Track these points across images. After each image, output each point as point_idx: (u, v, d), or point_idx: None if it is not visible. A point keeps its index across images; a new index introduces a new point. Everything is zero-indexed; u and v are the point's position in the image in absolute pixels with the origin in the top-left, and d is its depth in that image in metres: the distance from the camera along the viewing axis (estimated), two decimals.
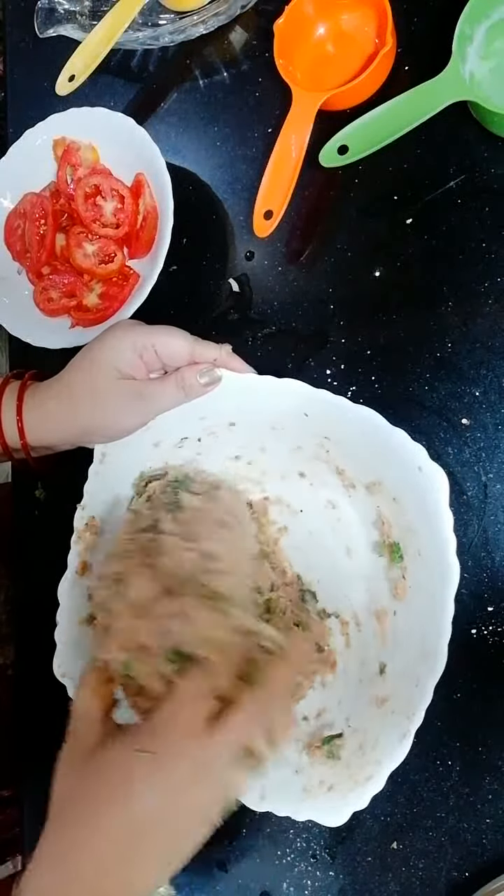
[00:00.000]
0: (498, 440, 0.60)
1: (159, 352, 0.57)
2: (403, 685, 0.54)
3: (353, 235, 0.66)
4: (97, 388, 0.57)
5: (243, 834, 0.62)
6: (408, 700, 0.52)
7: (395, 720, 0.53)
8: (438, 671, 0.51)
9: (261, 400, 0.59)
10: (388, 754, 0.52)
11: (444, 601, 0.52)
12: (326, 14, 0.68)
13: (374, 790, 0.51)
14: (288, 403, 0.58)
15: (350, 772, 0.54)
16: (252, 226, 0.65)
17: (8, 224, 0.73)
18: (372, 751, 0.53)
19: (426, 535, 0.54)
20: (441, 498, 0.53)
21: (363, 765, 0.53)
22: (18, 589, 0.74)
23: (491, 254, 0.62)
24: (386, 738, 0.53)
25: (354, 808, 0.52)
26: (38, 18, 0.73)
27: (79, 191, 0.71)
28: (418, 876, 0.58)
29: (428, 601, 0.54)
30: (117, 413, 0.57)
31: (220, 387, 0.58)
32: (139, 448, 0.62)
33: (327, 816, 0.53)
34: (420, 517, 0.55)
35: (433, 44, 0.63)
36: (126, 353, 0.56)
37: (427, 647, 0.53)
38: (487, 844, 0.57)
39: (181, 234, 0.70)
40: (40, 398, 0.59)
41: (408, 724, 0.51)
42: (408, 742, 0.51)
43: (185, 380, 0.57)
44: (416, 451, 0.53)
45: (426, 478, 0.53)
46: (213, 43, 0.74)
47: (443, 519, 0.53)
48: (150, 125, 0.73)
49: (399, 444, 0.54)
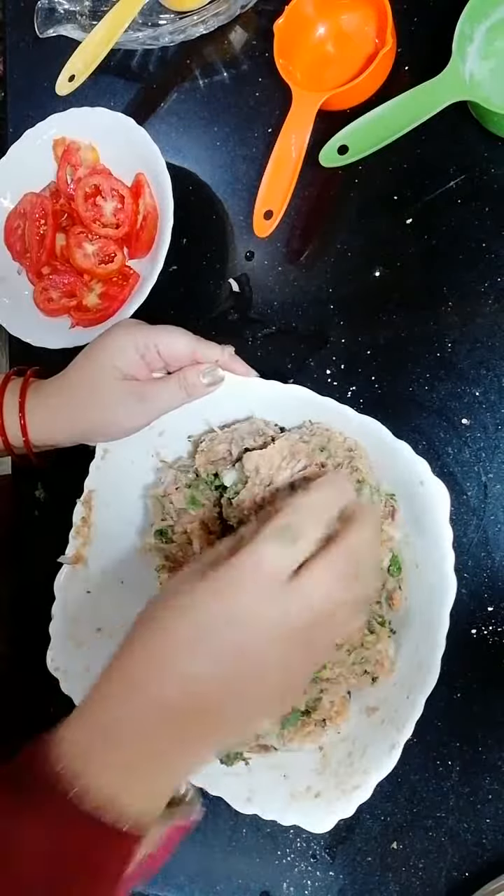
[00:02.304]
0: (498, 440, 0.60)
1: (162, 351, 0.57)
2: (395, 695, 0.54)
3: (353, 235, 0.66)
4: (99, 388, 0.57)
5: (243, 834, 0.62)
6: (398, 711, 0.52)
7: (384, 730, 0.53)
8: (430, 684, 0.51)
9: (265, 404, 0.59)
10: (375, 764, 0.52)
11: (439, 615, 0.52)
12: (326, 14, 0.68)
13: (360, 799, 0.51)
14: (292, 409, 0.58)
15: (338, 780, 0.53)
16: (252, 226, 0.65)
17: (8, 224, 0.73)
18: (360, 760, 0.53)
19: (424, 548, 0.54)
20: (441, 513, 0.53)
21: (351, 773, 0.53)
22: (16, 588, 0.74)
23: (491, 254, 0.62)
24: (375, 748, 0.53)
25: (340, 816, 0.52)
26: (38, 18, 0.73)
27: (79, 191, 0.71)
28: (418, 876, 0.58)
29: (423, 614, 0.54)
30: (119, 413, 0.57)
31: (223, 389, 0.58)
32: (141, 444, 0.62)
33: (313, 823, 0.53)
34: (419, 530, 0.55)
35: (433, 44, 0.63)
36: (128, 353, 0.56)
37: (420, 658, 0.53)
38: (487, 844, 0.57)
39: (181, 234, 0.70)
40: (43, 396, 0.59)
41: (397, 735, 0.51)
42: (396, 753, 0.51)
43: (188, 379, 0.57)
44: (419, 464, 0.53)
45: (427, 492, 0.53)
46: (213, 43, 0.74)
47: (442, 534, 0.52)
48: (150, 125, 0.73)
49: (402, 457, 0.54)
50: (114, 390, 0.57)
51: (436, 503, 0.53)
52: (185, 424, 0.62)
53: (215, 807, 0.63)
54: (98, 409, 0.57)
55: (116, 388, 0.57)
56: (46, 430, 0.59)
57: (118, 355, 0.56)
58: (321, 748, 0.56)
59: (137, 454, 0.62)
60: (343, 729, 0.56)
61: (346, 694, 0.57)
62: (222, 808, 0.57)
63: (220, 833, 0.63)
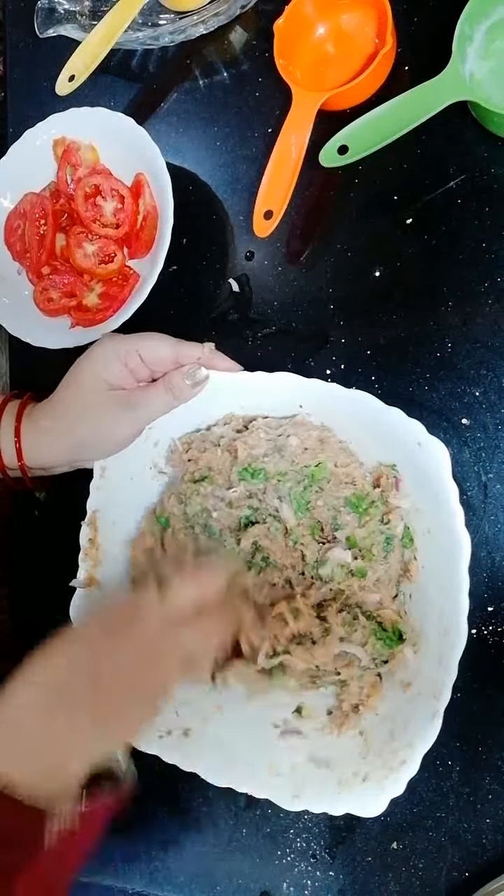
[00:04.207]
0: (498, 440, 0.60)
1: (144, 357, 0.57)
2: (427, 666, 0.54)
3: (353, 235, 0.66)
4: (87, 401, 0.58)
5: (243, 834, 0.62)
6: (433, 680, 0.52)
7: (423, 701, 0.53)
8: (461, 646, 0.51)
9: (254, 397, 0.59)
10: (419, 736, 0.52)
11: (458, 574, 0.52)
12: (326, 14, 0.68)
13: (409, 774, 0.51)
14: (282, 397, 0.59)
15: (383, 759, 0.53)
16: (252, 226, 0.65)
17: (8, 224, 0.73)
18: (403, 735, 0.53)
19: (433, 511, 0.54)
20: (443, 470, 0.52)
21: (396, 750, 0.53)
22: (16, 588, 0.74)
23: (491, 254, 0.62)
24: (416, 721, 0.53)
25: (391, 795, 0.52)
26: (38, 18, 0.73)
27: (79, 191, 0.71)
28: (418, 876, 0.58)
29: (442, 578, 0.54)
30: (108, 424, 0.58)
31: (212, 387, 0.58)
32: (138, 458, 0.62)
33: (365, 807, 0.52)
34: (425, 494, 0.55)
35: (433, 44, 0.63)
36: (112, 364, 0.57)
37: (446, 623, 0.53)
38: (487, 844, 0.57)
39: (181, 234, 0.70)
40: (35, 418, 0.60)
41: (436, 703, 0.51)
42: (438, 721, 0.51)
43: (172, 382, 0.58)
44: (413, 426, 0.53)
45: (426, 452, 0.53)
46: (213, 43, 0.74)
47: (448, 491, 0.52)
48: (150, 125, 0.73)
49: (396, 422, 0.54)
50: (101, 402, 0.57)
51: (437, 461, 0.53)
52: (179, 431, 0.62)
53: (215, 807, 0.63)
54: (88, 423, 0.58)
55: (104, 400, 0.57)
56: (40, 451, 0.60)
57: (103, 368, 0.57)
58: (361, 733, 0.56)
59: (136, 469, 0.63)
60: (381, 710, 0.56)
61: (376, 676, 0.57)
62: (222, 808, 0.57)
63: (220, 833, 0.63)
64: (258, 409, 0.61)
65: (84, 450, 0.60)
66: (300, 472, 0.59)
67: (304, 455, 0.59)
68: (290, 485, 0.58)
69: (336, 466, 0.59)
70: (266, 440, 0.59)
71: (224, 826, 0.63)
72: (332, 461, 0.59)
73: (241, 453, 0.59)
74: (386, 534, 0.57)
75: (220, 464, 0.60)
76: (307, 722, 0.58)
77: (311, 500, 0.59)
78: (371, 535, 0.57)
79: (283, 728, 0.58)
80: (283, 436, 0.59)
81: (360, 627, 0.56)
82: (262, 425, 0.60)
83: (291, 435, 0.59)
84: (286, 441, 0.59)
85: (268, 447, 0.59)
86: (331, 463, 0.59)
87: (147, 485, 0.64)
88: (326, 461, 0.58)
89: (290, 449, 0.59)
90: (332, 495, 0.58)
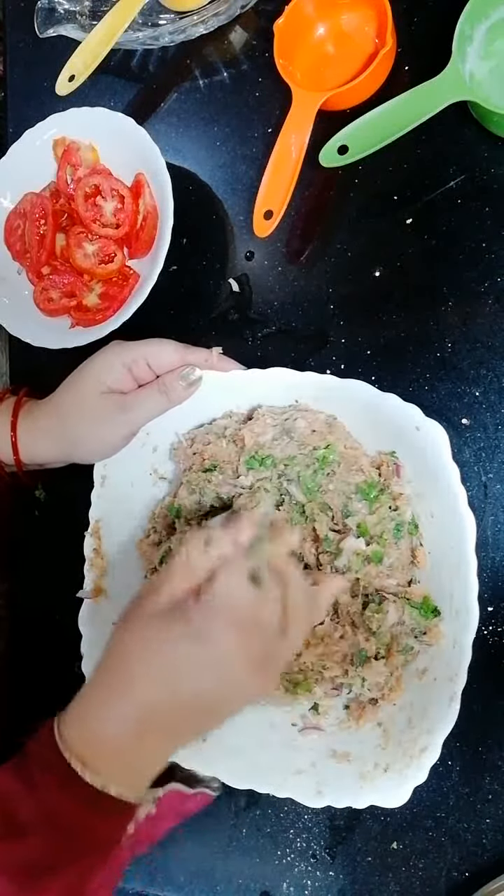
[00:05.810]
0: (498, 440, 0.60)
1: (151, 363, 0.58)
2: (442, 650, 0.54)
3: (353, 235, 0.66)
4: (84, 403, 0.58)
5: (243, 834, 0.63)
6: (448, 663, 0.53)
7: (439, 686, 0.53)
8: (473, 626, 0.51)
9: (250, 393, 0.59)
10: (438, 721, 0.52)
11: (465, 555, 0.52)
12: (326, 14, 0.68)
13: (431, 760, 0.51)
14: (277, 392, 0.59)
15: (403, 749, 0.53)
16: (252, 226, 0.65)
17: (8, 224, 0.73)
18: (421, 722, 0.53)
19: (435, 494, 0.54)
20: (443, 452, 0.53)
21: (416, 738, 0.53)
22: (16, 588, 0.74)
23: (491, 254, 0.62)
24: (434, 707, 0.53)
25: (414, 784, 0.52)
26: (38, 18, 0.73)
27: (79, 191, 0.71)
28: (418, 876, 0.58)
29: (449, 560, 0.54)
30: (102, 426, 0.58)
31: (207, 387, 0.58)
32: (137, 464, 0.62)
33: (389, 798, 0.52)
34: (426, 478, 0.55)
35: (433, 44, 0.63)
36: (115, 368, 0.58)
37: (457, 605, 0.53)
38: (487, 844, 0.57)
39: (181, 234, 0.70)
40: (33, 416, 0.61)
41: (453, 686, 0.52)
42: (456, 705, 0.51)
43: (166, 383, 0.58)
44: (411, 411, 0.53)
45: (425, 435, 0.53)
46: (213, 43, 0.74)
47: (449, 474, 0.52)
48: (150, 125, 0.73)
49: (393, 407, 0.54)
50: (97, 403, 0.58)
51: (436, 444, 0.53)
52: (181, 430, 0.62)
53: (215, 807, 0.63)
54: (83, 423, 0.59)
55: (100, 401, 0.58)
56: (36, 448, 0.60)
57: (104, 371, 0.58)
58: (380, 724, 0.56)
59: (136, 475, 0.63)
60: (398, 700, 0.56)
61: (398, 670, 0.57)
62: (222, 808, 0.57)
63: (220, 833, 0.63)
64: (255, 406, 0.61)
65: (79, 450, 0.60)
66: (309, 455, 0.58)
67: (313, 437, 0.59)
68: (299, 468, 0.58)
69: (346, 448, 0.59)
70: (272, 426, 0.59)
71: (224, 826, 0.63)
72: (342, 443, 0.59)
73: (248, 440, 0.59)
74: (396, 521, 0.57)
75: (226, 455, 0.60)
76: (324, 718, 0.58)
77: (321, 484, 0.58)
78: (382, 522, 0.57)
79: (303, 725, 0.58)
80: (290, 419, 0.59)
81: (390, 605, 0.56)
82: (266, 412, 0.60)
83: (299, 418, 0.59)
84: (294, 424, 0.59)
85: (275, 432, 0.59)
86: (340, 444, 0.59)
87: (148, 491, 0.64)
88: (336, 443, 0.58)
89: (299, 431, 0.59)
90: (343, 480, 0.58)
